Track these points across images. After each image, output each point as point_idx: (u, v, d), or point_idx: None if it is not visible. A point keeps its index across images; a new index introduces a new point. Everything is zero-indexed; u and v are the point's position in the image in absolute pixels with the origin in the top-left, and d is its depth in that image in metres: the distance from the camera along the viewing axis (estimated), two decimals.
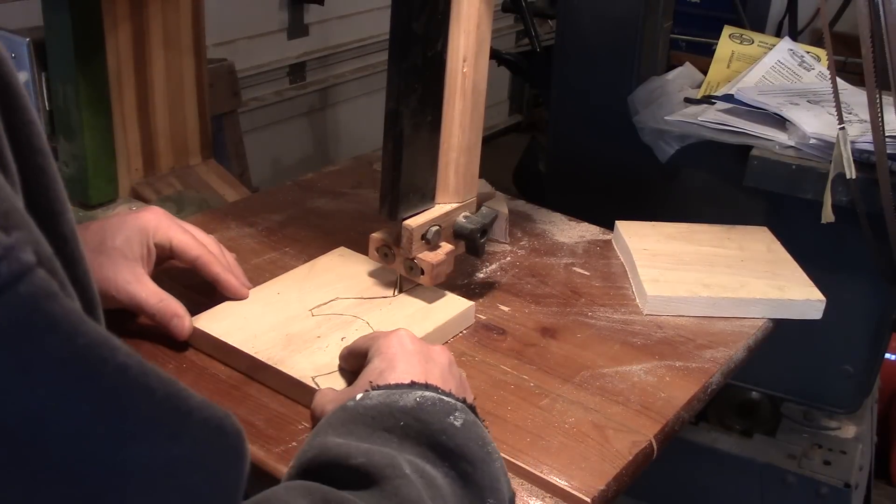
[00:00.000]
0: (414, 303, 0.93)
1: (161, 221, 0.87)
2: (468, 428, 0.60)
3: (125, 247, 0.83)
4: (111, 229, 0.84)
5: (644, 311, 0.99)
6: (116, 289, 0.81)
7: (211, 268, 0.88)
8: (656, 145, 1.40)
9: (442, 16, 0.86)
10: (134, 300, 0.82)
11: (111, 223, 0.85)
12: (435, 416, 0.60)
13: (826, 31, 1.13)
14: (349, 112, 2.99)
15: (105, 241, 0.83)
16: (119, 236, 0.83)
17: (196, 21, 1.30)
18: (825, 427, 1.67)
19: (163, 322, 0.83)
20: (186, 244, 0.87)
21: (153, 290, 0.83)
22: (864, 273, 1.30)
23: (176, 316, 0.83)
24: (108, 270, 0.81)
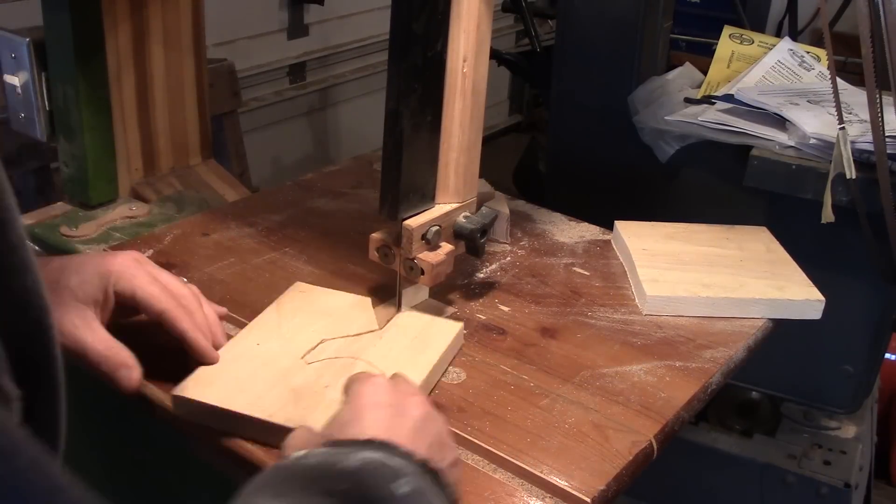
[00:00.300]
0: (406, 332, 0.89)
1: (127, 268, 0.79)
2: (414, 497, 0.55)
3: (78, 289, 0.77)
4: (70, 269, 0.78)
5: (643, 311, 0.99)
6: (61, 332, 0.70)
7: (177, 324, 0.79)
8: (656, 145, 1.40)
9: (442, 16, 0.86)
10: (78, 345, 0.75)
11: (72, 262, 0.79)
12: (378, 482, 0.54)
13: (826, 31, 1.13)
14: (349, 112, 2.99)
15: (60, 280, 0.77)
16: (75, 277, 0.77)
17: (196, 21, 1.30)
18: (825, 427, 1.67)
19: (109, 372, 0.76)
20: (151, 296, 0.78)
21: (101, 336, 0.76)
22: (864, 273, 1.30)
23: (124, 366, 0.76)
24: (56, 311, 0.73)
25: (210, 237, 1.08)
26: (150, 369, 0.82)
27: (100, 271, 0.78)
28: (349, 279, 1.02)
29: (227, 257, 1.04)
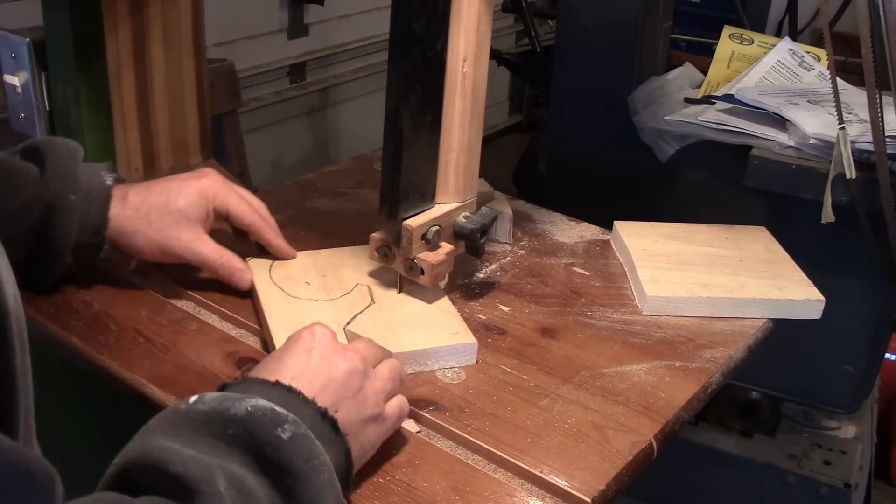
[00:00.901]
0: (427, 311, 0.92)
1: (220, 188, 0.94)
2: (295, 441, 0.59)
3: (188, 209, 0.91)
4: (174, 192, 0.92)
5: (644, 311, 0.99)
6: (182, 247, 0.91)
7: (263, 234, 0.97)
8: (656, 145, 1.40)
9: (442, 16, 0.86)
10: (198, 257, 0.92)
11: (174, 186, 0.93)
12: (263, 428, 0.59)
13: (826, 31, 1.13)
14: (349, 112, 2.99)
15: (169, 202, 0.91)
16: (182, 199, 0.92)
17: (196, 21, 1.30)
18: (825, 427, 1.67)
19: (226, 275, 0.93)
20: (242, 211, 0.95)
21: (214, 247, 0.93)
22: (864, 273, 1.30)
23: (239, 270, 0.94)
24: (173, 230, 0.91)
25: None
26: (150, 371, 0.83)
27: (201, 193, 0.93)
28: None
29: None
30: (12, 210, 0.86)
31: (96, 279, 0.97)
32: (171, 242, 0.91)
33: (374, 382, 0.72)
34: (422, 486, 0.71)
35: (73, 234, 0.88)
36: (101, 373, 0.85)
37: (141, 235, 0.90)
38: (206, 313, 0.93)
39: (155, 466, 0.55)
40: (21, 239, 0.86)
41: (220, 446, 0.58)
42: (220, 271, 0.93)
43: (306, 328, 0.73)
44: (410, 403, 0.79)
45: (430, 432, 0.78)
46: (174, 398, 0.79)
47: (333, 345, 0.72)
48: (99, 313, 0.91)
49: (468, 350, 0.87)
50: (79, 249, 0.90)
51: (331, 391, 0.68)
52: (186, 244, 0.91)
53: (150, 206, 0.91)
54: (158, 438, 0.58)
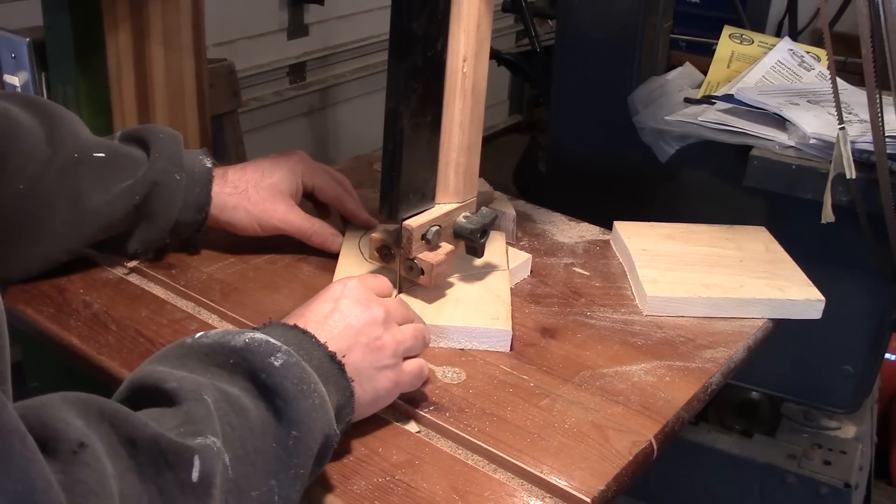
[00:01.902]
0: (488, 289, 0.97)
1: (307, 165, 1.03)
2: (287, 368, 0.65)
3: (281, 183, 1.00)
4: (268, 168, 1.00)
5: (644, 311, 0.99)
6: (277, 217, 0.99)
7: (346, 205, 1.05)
8: (656, 145, 1.40)
9: (442, 16, 0.86)
10: (293, 225, 1.00)
11: (266, 163, 1.01)
12: (258, 357, 0.65)
13: (826, 31, 1.13)
14: (349, 112, 2.99)
15: (264, 177, 0.99)
16: (277, 174, 1.00)
17: (196, 21, 1.30)
18: (825, 427, 1.67)
19: (320, 241, 1.02)
20: (328, 185, 1.04)
21: (307, 216, 1.01)
22: (864, 273, 1.30)
23: (332, 235, 1.02)
24: (268, 203, 0.99)
25: (211, 237, 1.08)
26: None
27: (291, 168, 1.02)
28: None
29: (226, 257, 1.04)
30: (122, 189, 0.92)
31: (96, 279, 0.97)
32: (267, 214, 0.98)
33: (395, 335, 0.76)
34: (422, 486, 0.71)
35: (176, 210, 0.95)
36: (100, 373, 0.85)
37: (241, 210, 0.98)
38: (206, 313, 0.93)
39: (151, 385, 0.62)
40: (128, 215, 0.94)
41: (222, 374, 0.65)
42: (314, 238, 1.01)
43: (340, 279, 0.79)
44: (410, 404, 0.79)
45: (430, 432, 0.78)
46: None
47: (360, 296, 0.77)
48: (99, 313, 0.91)
49: (502, 337, 0.89)
50: (181, 227, 0.97)
51: (346, 337, 0.73)
52: (282, 215, 0.99)
53: (247, 182, 0.99)
54: (161, 365, 0.65)
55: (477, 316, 0.91)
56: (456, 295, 0.95)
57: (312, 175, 1.03)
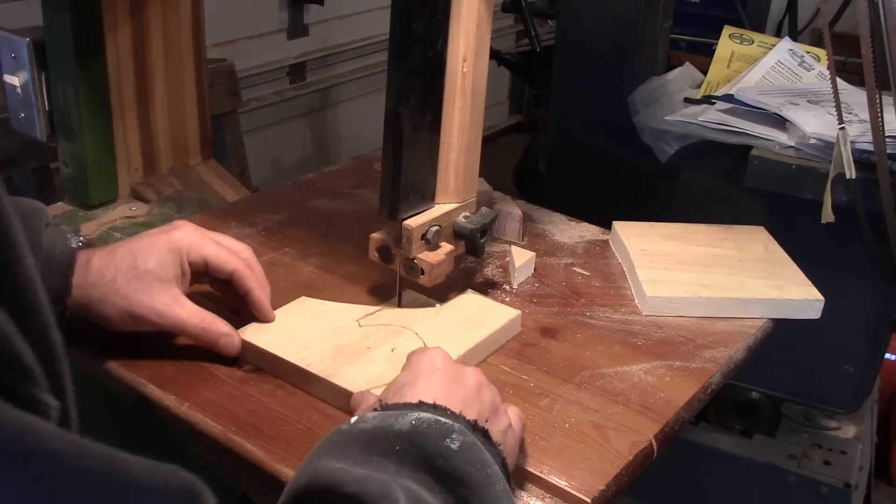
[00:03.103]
0: (462, 311, 0.92)
1: (193, 239, 0.84)
2: (466, 450, 0.58)
3: (159, 269, 0.81)
4: (142, 251, 0.82)
5: (643, 312, 0.99)
6: (156, 314, 0.80)
7: (245, 282, 0.86)
8: (656, 145, 1.40)
9: (442, 16, 0.86)
10: (176, 323, 0.81)
11: (141, 245, 0.82)
12: (431, 440, 0.58)
13: (826, 31, 1.13)
14: (349, 112, 2.99)
15: (137, 264, 0.81)
16: (151, 259, 0.81)
17: (196, 21, 1.30)
18: (825, 427, 1.67)
19: (209, 342, 0.82)
20: (222, 259, 0.85)
21: (194, 310, 0.82)
22: (864, 273, 1.30)
23: (223, 335, 0.83)
24: (144, 295, 0.80)
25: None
26: (150, 369, 0.83)
27: (171, 248, 0.82)
28: (349, 279, 1.02)
29: None
30: None
31: None
32: (142, 310, 0.80)
33: (495, 392, 0.71)
34: None
35: None
36: (101, 373, 0.85)
37: (109, 304, 0.80)
38: None
39: (328, 489, 0.53)
40: None
41: (388, 464, 0.56)
42: (202, 336, 0.82)
43: (418, 351, 0.72)
44: None
45: None
46: (174, 398, 0.79)
47: (453, 363, 0.70)
48: None
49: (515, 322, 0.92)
50: None
51: (472, 406, 0.66)
52: (161, 310, 0.80)
53: (115, 270, 0.80)
54: (326, 461, 0.56)
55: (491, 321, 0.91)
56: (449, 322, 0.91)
57: (201, 249, 0.84)
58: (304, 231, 1.12)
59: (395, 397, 0.66)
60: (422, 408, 0.62)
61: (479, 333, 0.88)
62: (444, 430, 0.58)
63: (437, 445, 0.57)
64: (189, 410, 0.78)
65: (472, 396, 0.67)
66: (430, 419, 0.59)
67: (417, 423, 0.59)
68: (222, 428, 0.76)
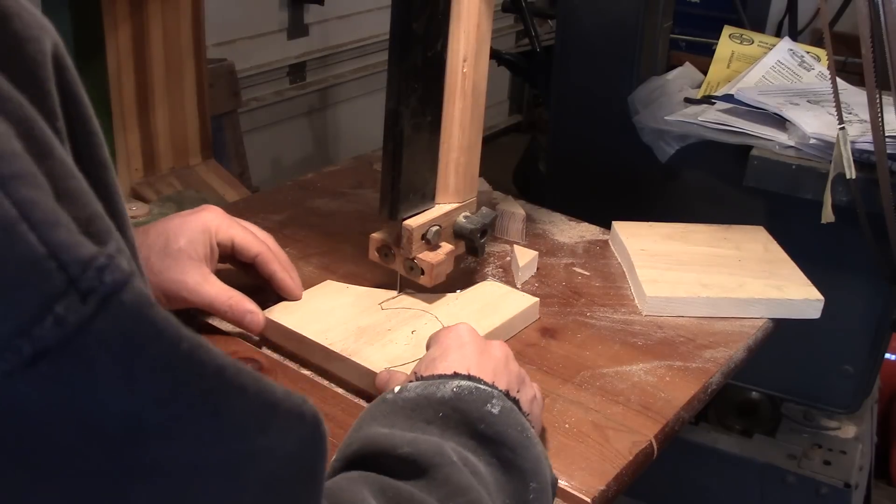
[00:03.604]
0: (481, 298, 0.95)
1: (222, 221, 0.88)
2: (506, 415, 0.61)
3: (190, 248, 0.84)
4: (174, 231, 0.85)
5: (644, 312, 0.99)
6: (187, 290, 0.83)
7: (269, 265, 0.90)
8: (656, 145, 1.40)
9: (442, 16, 0.86)
10: (205, 300, 0.84)
11: (172, 225, 0.86)
12: (473, 405, 0.60)
13: (826, 31, 1.13)
14: (349, 112, 2.99)
15: (169, 243, 0.84)
16: (182, 238, 0.84)
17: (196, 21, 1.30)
18: (825, 427, 1.67)
19: (236, 318, 0.86)
20: (248, 242, 0.89)
21: (222, 288, 0.85)
22: (864, 273, 1.30)
23: (249, 312, 0.86)
24: (176, 272, 0.83)
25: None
26: None
27: (202, 229, 0.86)
28: (349, 279, 1.02)
29: None
30: None
31: None
32: (174, 286, 0.83)
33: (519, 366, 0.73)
34: None
35: None
36: None
37: None
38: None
39: (381, 453, 0.56)
40: None
41: (433, 430, 0.59)
42: (229, 314, 0.86)
43: (445, 329, 0.74)
44: None
45: None
46: None
47: (480, 337, 0.72)
48: None
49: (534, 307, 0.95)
50: None
51: (501, 376, 0.68)
52: (192, 286, 0.84)
53: (148, 250, 0.84)
54: (374, 427, 0.59)
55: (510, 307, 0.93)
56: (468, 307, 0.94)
57: (229, 231, 0.88)
58: (304, 231, 1.12)
59: (427, 370, 0.68)
60: (459, 377, 0.64)
61: (498, 318, 0.91)
62: (484, 396, 0.61)
63: (479, 411, 0.60)
64: None
65: (502, 367, 0.69)
66: (470, 386, 0.62)
67: (458, 390, 0.61)
68: None
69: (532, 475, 0.59)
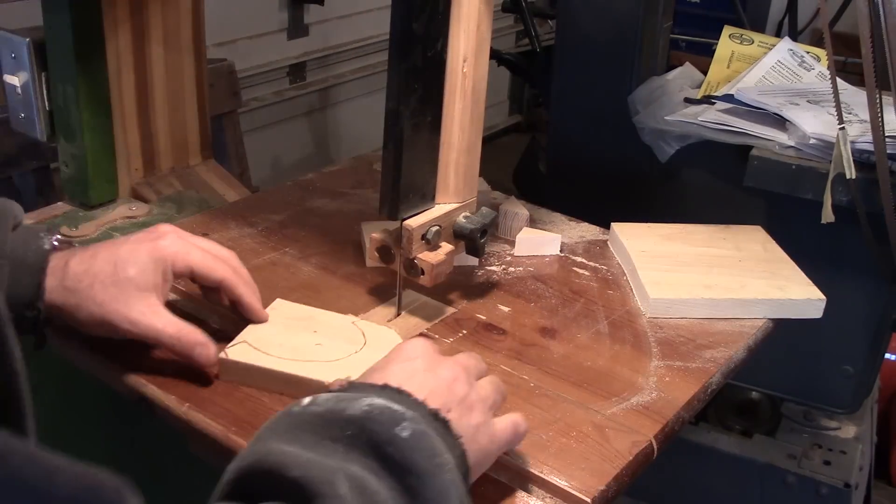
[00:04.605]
0: None
1: (179, 247, 0.82)
2: (416, 439, 0.57)
3: (139, 278, 0.79)
4: (123, 259, 0.80)
5: (646, 313, 0.99)
6: (131, 322, 0.78)
7: (235, 290, 0.85)
8: (656, 145, 1.40)
9: (442, 16, 0.86)
10: (150, 332, 0.79)
11: (122, 252, 0.81)
12: (382, 427, 0.57)
13: (826, 31, 1.13)
14: (349, 112, 2.99)
15: (117, 271, 0.79)
16: (131, 267, 0.79)
17: (196, 21, 1.30)
18: (825, 427, 1.67)
19: (184, 352, 0.80)
20: (208, 268, 0.84)
21: (170, 319, 0.80)
22: (864, 273, 1.30)
23: (199, 344, 0.80)
24: (121, 304, 0.78)
25: (210, 237, 1.08)
26: (150, 369, 0.83)
27: (154, 257, 0.81)
28: (349, 279, 1.02)
29: None
30: None
31: None
32: (116, 318, 0.78)
33: (478, 391, 0.69)
34: None
35: None
36: (101, 373, 0.85)
37: (83, 311, 0.78)
38: (205, 313, 0.93)
39: (272, 471, 0.53)
40: None
41: (338, 449, 0.56)
42: (176, 347, 0.80)
43: (408, 341, 0.71)
44: None
45: None
46: (174, 398, 0.79)
47: (435, 355, 0.69)
48: None
49: None
50: None
51: (438, 396, 0.64)
52: (135, 318, 0.78)
53: (94, 277, 0.78)
54: (274, 442, 0.56)
55: None
56: None
57: (186, 258, 0.82)
58: (304, 231, 1.12)
59: (363, 378, 0.66)
60: (383, 392, 0.62)
61: None
62: (395, 418, 0.58)
63: (388, 433, 0.57)
64: (189, 410, 0.78)
65: (443, 388, 0.66)
66: (382, 405, 0.59)
67: (369, 408, 0.58)
68: (222, 428, 0.76)
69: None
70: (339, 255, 1.07)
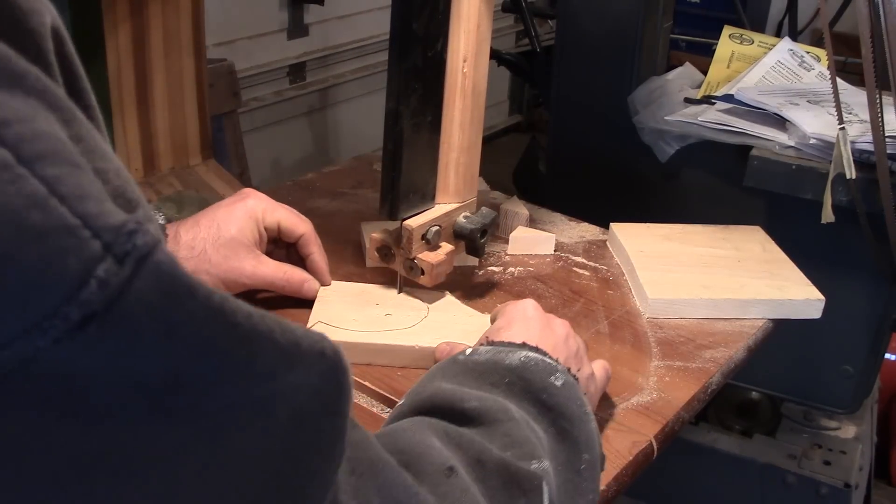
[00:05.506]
0: None
1: (267, 205, 0.92)
2: (568, 388, 0.63)
3: (241, 235, 0.89)
4: (223, 220, 0.89)
5: (646, 314, 0.99)
6: (246, 276, 0.89)
7: (310, 246, 0.94)
8: (656, 145, 1.40)
9: (442, 16, 0.86)
10: (265, 280, 0.90)
11: (220, 214, 0.90)
12: (538, 376, 0.63)
13: (826, 31, 1.13)
14: (349, 112, 2.99)
15: (221, 232, 0.89)
16: (233, 226, 0.89)
17: (196, 21, 1.30)
18: (825, 427, 1.67)
19: (294, 289, 0.92)
20: (293, 223, 0.93)
21: (277, 265, 0.91)
22: (864, 273, 1.30)
23: (305, 280, 0.92)
24: (233, 261, 0.88)
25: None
26: None
27: (249, 215, 0.91)
28: (349, 279, 1.01)
29: None
30: None
31: None
32: (233, 274, 0.88)
33: (579, 343, 0.76)
34: None
35: None
36: None
37: (202, 275, 0.86)
38: None
39: (448, 403, 0.59)
40: None
41: (497, 393, 0.62)
42: (286, 287, 0.92)
43: (512, 302, 0.78)
44: None
45: None
46: None
47: (544, 313, 0.76)
48: None
49: None
50: None
51: (560, 352, 0.70)
52: (250, 271, 0.89)
53: (204, 242, 0.88)
54: (444, 382, 0.63)
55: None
56: None
57: (274, 216, 0.93)
58: None
59: (495, 337, 0.71)
60: (527, 348, 0.67)
61: None
62: (549, 369, 0.64)
63: (543, 382, 0.63)
64: None
65: (561, 344, 0.72)
66: (536, 358, 0.65)
67: (526, 360, 0.64)
68: None
69: (585, 447, 0.62)
70: (339, 255, 1.06)
